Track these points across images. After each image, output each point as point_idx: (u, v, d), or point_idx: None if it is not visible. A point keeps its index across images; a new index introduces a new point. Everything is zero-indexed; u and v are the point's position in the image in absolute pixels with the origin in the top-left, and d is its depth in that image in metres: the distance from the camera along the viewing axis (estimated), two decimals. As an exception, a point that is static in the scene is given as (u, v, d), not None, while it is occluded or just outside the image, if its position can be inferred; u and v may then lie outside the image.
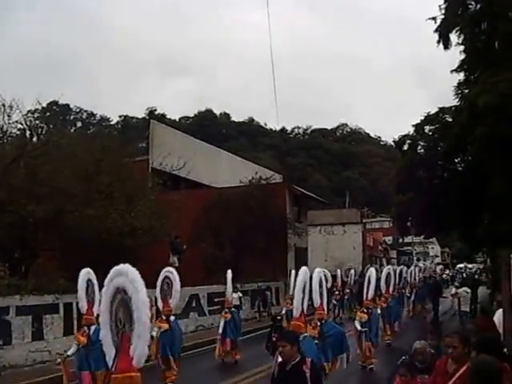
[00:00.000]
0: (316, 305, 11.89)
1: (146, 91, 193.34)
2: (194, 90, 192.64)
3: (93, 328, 10.77)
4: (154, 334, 13.28)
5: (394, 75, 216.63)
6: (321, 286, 11.58)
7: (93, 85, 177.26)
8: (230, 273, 17.22)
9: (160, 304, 13.84)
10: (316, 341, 10.48)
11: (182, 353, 14.19)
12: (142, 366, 4.75)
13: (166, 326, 13.53)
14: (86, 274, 11.29)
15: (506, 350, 7.20)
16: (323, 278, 12.12)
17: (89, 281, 11.26)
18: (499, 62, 19.05)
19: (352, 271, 28.02)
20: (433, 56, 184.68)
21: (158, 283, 13.89)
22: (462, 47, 21.71)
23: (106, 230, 19.78)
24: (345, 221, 57.15)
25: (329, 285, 22.09)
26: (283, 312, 19.19)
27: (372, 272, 16.89)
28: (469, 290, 23.11)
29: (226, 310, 17.00)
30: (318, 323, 11.50)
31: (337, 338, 11.42)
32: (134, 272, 4.98)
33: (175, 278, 14.04)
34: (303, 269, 10.28)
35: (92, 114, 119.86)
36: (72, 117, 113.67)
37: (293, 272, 19.35)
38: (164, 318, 13.70)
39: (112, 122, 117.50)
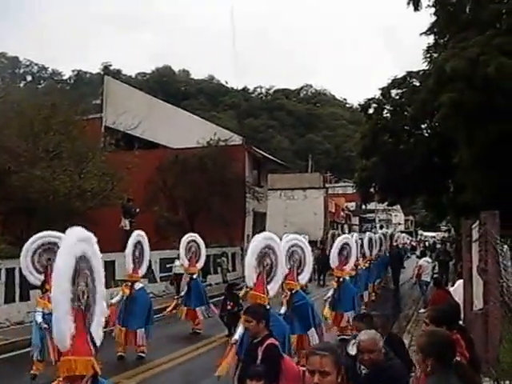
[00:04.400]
0: (283, 274, 11.97)
1: (102, 45, 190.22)
2: (151, 45, 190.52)
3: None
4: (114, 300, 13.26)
5: (360, 36, 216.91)
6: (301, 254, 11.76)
7: (44, 37, 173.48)
8: (186, 237, 17.10)
9: (130, 269, 13.51)
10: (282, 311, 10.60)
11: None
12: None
13: (127, 292, 13.26)
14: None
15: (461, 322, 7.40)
16: (303, 244, 12.19)
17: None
18: (469, 27, 19.15)
19: (305, 237, 28.04)
20: (401, 18, 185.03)
21: (132, 247, 13.64)
22: (432, 9, 21.73)
23: (53, 192, 19.48)
24: (306, 185, 57.38)
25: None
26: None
27: (337, 239, 17.04)
28: (430, 260, 23.57)
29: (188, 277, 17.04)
30: (289, 293, 11.55)
31: (304, 310, 11.42)
32: (93, 238, 4.78)
33: (146, 242, 13.98)
34: (258, 236, 9.65)
35: (43, 68, 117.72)
36: (22, 70, 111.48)
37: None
38: (129, 284, 13.34)
39: (65, 77, 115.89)
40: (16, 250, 12.55)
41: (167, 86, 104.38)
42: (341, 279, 15.65)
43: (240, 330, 8.81)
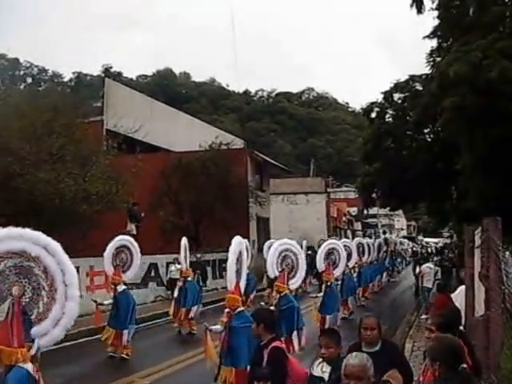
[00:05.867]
0: (272, 276, 12.23)
1: (102, 47, 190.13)
2: (152, 48, 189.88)
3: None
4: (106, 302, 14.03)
5: (362, 39, 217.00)
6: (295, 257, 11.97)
7: (45, 39, 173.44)
8: (184, 240, 17.28)
9: (110, 271, 13.96)
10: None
11: (135, 325, 14.22)
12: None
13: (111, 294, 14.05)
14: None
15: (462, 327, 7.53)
16: (297, 250, 12.44)
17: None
18: (472, 30, 19.21)
19: (304, 242, 28.23)
20: (404, 21, 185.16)
21: (112, 250, 13.99)
22: (435, 13, 21.80)
23: (59, 196, 19.61)
24: (308, 190, 57.23)
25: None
26: None
27: (322, 245, 17.51)
28: (432, 266, 23.62)
29: (182, 279, 17.26)
30: (277, 295, 11.78)
31: (290, 313, 11.62)
32: (47, 239, 5.05)
33: (136, 249, 14.38)
34: (236, 238, 9.67)
35: (43, 70, 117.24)
36: (22, 72, 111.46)
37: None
38: (112, 286, 14.08)
39: (65, 79, 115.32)
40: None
41: (168, 88, 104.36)
42: (328, 283, 16.09)
43: (218, 326, 9.38)
